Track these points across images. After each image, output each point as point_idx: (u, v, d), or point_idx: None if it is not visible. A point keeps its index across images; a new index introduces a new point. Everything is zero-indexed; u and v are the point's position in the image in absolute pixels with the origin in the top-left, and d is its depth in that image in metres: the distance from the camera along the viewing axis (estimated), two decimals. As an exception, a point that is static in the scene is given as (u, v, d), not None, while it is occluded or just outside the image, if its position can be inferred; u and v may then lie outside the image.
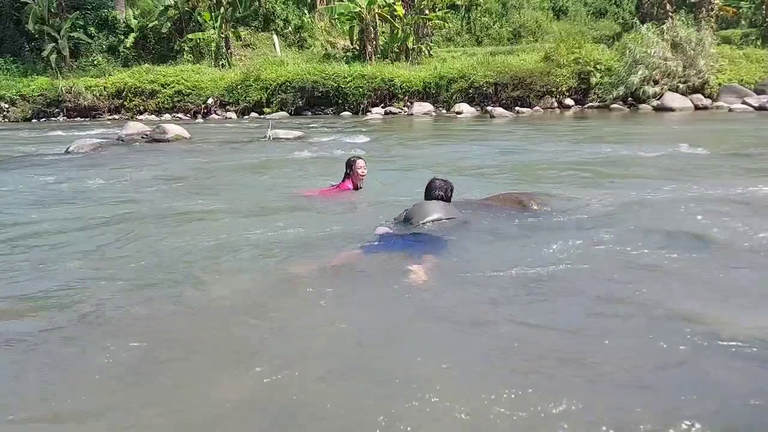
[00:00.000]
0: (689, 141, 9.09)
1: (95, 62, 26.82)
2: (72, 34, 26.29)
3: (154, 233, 4.66)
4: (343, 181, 5.77)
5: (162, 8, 26.74)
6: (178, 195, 6.49)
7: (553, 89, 20.49)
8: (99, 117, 23.14)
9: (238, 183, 7.38)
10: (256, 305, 3.14)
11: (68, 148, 10.88)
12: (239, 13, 27.30)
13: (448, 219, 4.20)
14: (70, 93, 23.12)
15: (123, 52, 27.38)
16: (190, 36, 26.79)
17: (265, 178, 7.57)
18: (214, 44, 26.22)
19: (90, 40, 27.07)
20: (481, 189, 5.85)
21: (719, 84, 19.01)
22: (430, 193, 4.43)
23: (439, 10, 25.31)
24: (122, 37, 27.62)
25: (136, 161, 9.55)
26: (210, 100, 22.93)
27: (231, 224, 4.87)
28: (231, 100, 22.77)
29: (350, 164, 5.75)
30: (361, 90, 21.65)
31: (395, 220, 4.41)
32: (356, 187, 5.73)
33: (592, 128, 14.12)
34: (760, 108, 16.77)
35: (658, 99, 18.75)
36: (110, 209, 5.68)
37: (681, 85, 18.88)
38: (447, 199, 4.45)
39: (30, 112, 23.29)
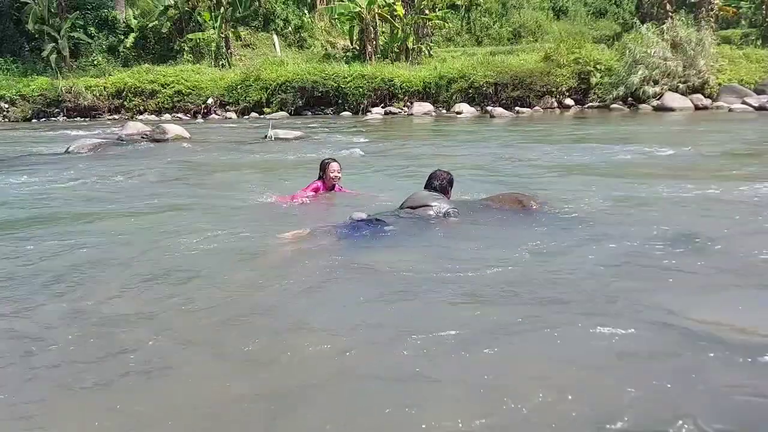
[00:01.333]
0: (689, 141, 9.10)
1: (95, 62, 26.85)
2: (72, 34, 26.32)
3: (153, 233, 4.66)
4: (314, 181, 5.74)
5: (162, 8, 26.78)
6: (176, 195, 6.49)
7: (553, 89, 20.50)
8: (99, 117, 23.15)
9: (238, 184, 7.38)
10: (252, 304, 3.14)
11: (68, 148, 10.89)
12: (239, 13, 27.33)
13: (431, 206, 4.45)
14: (70, 93, 23.13)
15: (123, 52, 27.40)
16: (190, 36, 26.82)
17: (265, 179, 7.57)
18: (214, 44, 26.25)
19: (90, 40, 27.10)
20: (481, 189, 5.85)
21: (719, 84, 19.01)
22: (427, 183, 4.75)
23: (439, 10, 25.33)
24: (122, 37, 27.65)
25: (135, 161, 9.55)
26: (210, 100, 22.94)
27: (230, 226, 4.88)
28: (231, 100, 22.78)
29: (323, 166, 5.76)
30: (361, 90, 21.66)
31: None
32: (329, 189, 5.73)
33: (591, 128, 14.12)
34: (760, 108, 16.77)
35: (658, 99, 18.75)
36: (109, 209, 5.69)
37: (681, 85, 18.88)
38: (442, 189, 4.68)
39: (30, 112, 23.29)
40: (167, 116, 22.40)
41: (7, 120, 23.01)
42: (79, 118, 23.01)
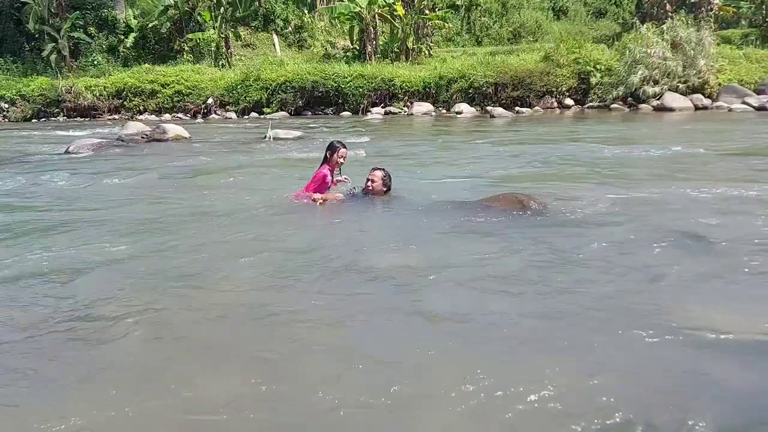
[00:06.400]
0: (689, 141, 9.09)
1: (95, 62, 26.83)
2: (72, 34, 26.31)
3: (152, 233, 4.66)
4: (320, 168, 5.59)
5: (162, 8, 26.77)
6: (177, 195, 6.49)
7: (553, 89, 20.47)
8: (99, 117, 23.13)
9: (238, 184, 7.38)
10: (256, 304, 3.14)
11: (68, 148, 10.88)
12: (239, 13, 27.30)
13: None
14: (70, 93, 23.10)
15: (123, 52, 27.39)
16: (190, 36, 26.80)
17: (265, 179, 7.56)
18: (214, 44, 26.24)
19: (90, 40, 27.08)
20: (481, 189, 5.85)
21: (719, 84, 18.99)
22: None
23: (439, 10, 25.30)
24: (122, 37, 27.63)
25: (135, 161, 9.55)
26: (210, 100, 22.92)
27: (230, 225, 4.88)
28: (231, 100, 22.75)
29: (333, 148, 5.54)
30: (361, 90, 21.64)
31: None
32: (332, 172, 5.63)
33: (591, 128, 14.11)
34: (760, 108, 16.75)
35: (658, 99, 18.72)
36: (108, 209, 5.69)
37: (681, 85, 18.85)
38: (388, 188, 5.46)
39: (30, 112, 23.25)
40: (167, 116, 22.37)
41: (7, 120, 22.99)
42: (79, 118, 22.98)
